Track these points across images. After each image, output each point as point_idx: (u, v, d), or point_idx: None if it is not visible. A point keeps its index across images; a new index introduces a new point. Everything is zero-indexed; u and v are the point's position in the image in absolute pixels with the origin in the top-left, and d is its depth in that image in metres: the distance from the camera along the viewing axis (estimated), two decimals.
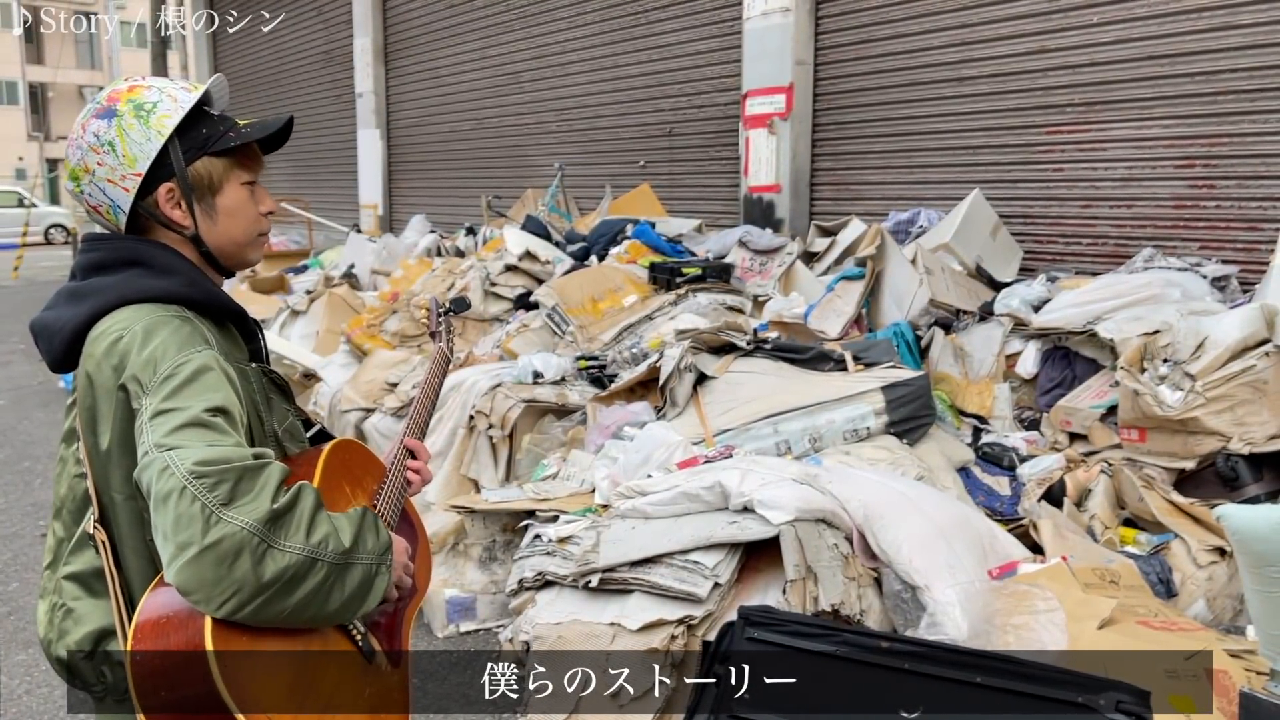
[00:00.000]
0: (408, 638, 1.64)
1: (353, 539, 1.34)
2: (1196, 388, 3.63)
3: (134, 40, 37.37)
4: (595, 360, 5.08)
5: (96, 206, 1.51)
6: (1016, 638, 2.74)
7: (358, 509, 1.40)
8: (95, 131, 1.49)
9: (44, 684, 3.54)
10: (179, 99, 1.51)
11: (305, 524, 1.28)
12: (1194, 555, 3.28)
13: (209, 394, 1.34)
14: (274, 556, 1.23)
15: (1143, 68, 5.30)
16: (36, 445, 6.64)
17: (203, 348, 1.40)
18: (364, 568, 1.35)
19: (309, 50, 14.23)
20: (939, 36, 6.25)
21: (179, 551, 1.20)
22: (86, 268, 1.52)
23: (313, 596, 1.28)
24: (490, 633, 3.86)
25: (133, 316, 1.43)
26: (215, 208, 1.55)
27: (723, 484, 3.15)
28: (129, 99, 1.50)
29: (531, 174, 9.84)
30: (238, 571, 1.20)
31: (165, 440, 1.27)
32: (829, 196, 7.11)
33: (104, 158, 1.48)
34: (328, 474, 1.47)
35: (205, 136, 1.53)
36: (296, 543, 1.25)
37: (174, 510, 1.20)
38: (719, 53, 7.78)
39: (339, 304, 7.59)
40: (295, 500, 1.28)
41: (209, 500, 1.21)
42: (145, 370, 1.35)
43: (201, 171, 1.52)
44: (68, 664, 1.48)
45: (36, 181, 34.45)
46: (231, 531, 1.20)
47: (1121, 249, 5.42)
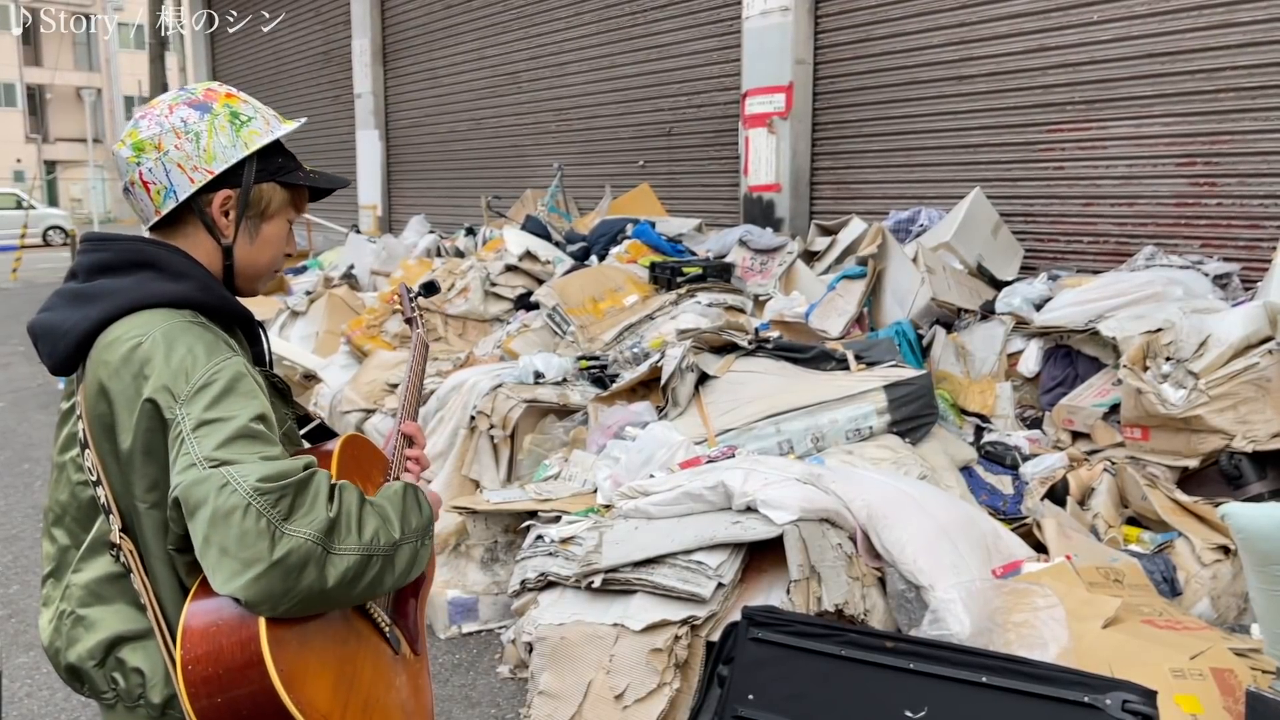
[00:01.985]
0: (423, 624, 1.67)
1: (400, 524, 1.39)
2: (1200, 386, 3.62)
3: (132, 42, 37.38)
4: (596, 360, 5.07)
5: (148, 183, 1.50)
6: (1018, 635, 2.73)
7: (399, 486, 1.46)
8: (184, 118, 1.50)
9: (45, 686, 3.53)
10: (271, 125, 1.58)
11: (355, 524, 1.32)
12: (1198, 554, 3.28)
13: (251, 401, 1.35)
14: (333, 562, 1.27)
15: (1143, 65, 5.29)
16: (36, 447, 6.63)
17: (231, 354, 1.40)
18: (411, 546, 1.41)
19: (307, 51, 14.21)
20: (938, 35, 6.24)
21: (244, 568, 1.22)
22: (91, 269, 1.50)
23: (372, 585, 1.34)
24: (493, 634, 3.86)
25: (148, 322, 1.41)
26: (259, 230, 1.58)
27: (726, 484, 3.14)
28: (227, 104, 1.54)
29: (530, 174, 9.83)
30: (305, 581, 1.24)
31: (218, 454, 1.27)
32: (829, 195, 7.10)
33: (184, 144, 1.49)
34: (342, 471, 1.49)
35: (279, 165, 1.58)
36: (351, 544, 1.30)
37: (237, 527, 1.22)
38: (718, 52, 7.77)
39: (339, 305, 7.59)
40: (342, 502, 1.32)
41: (273, 516, 1.23)
42: (177, 379, 1.34)
43: (264, 194, 1.57)
44: (78, 671, 1.48)
45: (35, 183, 34.41)
46: (297, 545, 1.24)
47: (1123, 247, 5.41)
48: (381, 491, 1.45)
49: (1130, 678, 2.36)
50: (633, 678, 2.88)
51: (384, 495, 1.43)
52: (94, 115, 35.19)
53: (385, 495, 1.43)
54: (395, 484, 1.47)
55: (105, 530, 1.45)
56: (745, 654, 2.64)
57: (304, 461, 1.31)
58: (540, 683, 3.06)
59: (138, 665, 1.44)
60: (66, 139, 41.34)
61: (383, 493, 1.44)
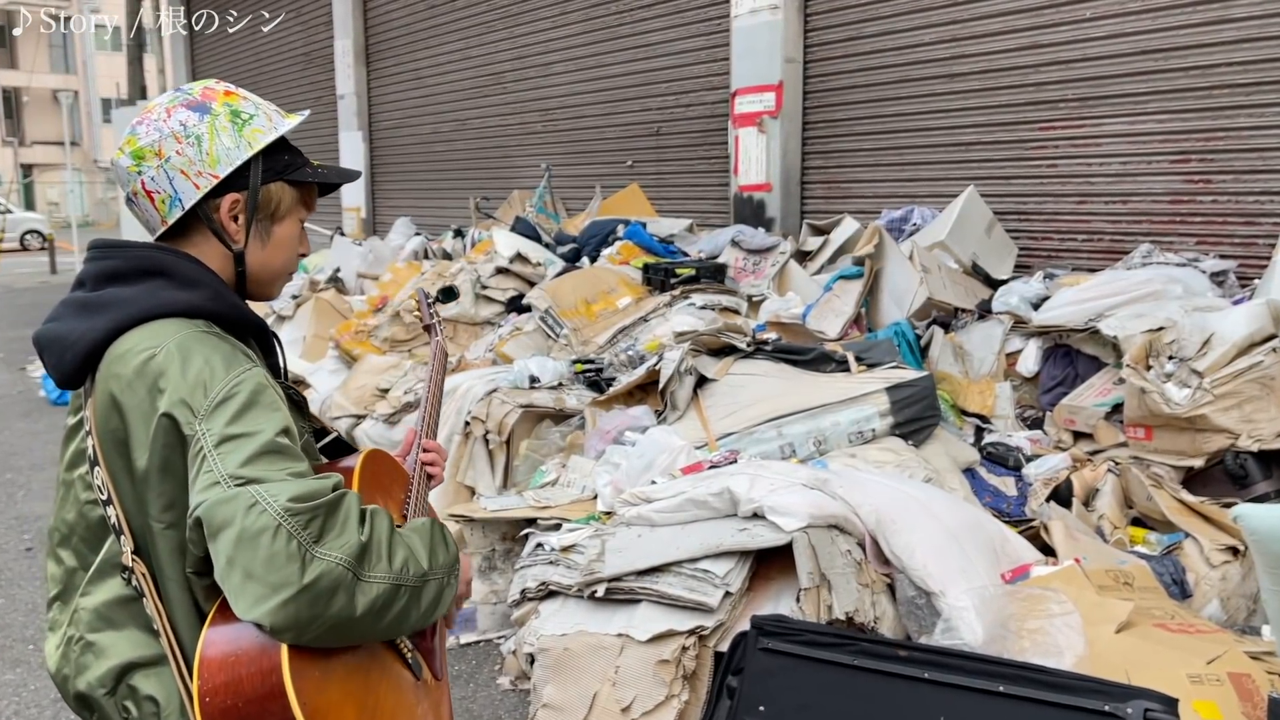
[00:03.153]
0: (444, 649, 1.62)
1: (428, 558, 1.34)
2: (1204, 385, 3.60)
3: (109, 44, 37.02)
4: (592, 363, 5.01)
5: (152, 193, 1.43)
6: (1033, 643, 2.69)
7: (426, 522, 1.41)
8: (183, 121, 1.43)
9: (34, 704, 3.44)
10: (274, 120, 1.51)
11: (385, 550, 1.26)
12: (1207, 555, 3.25)
13: (274, 415, 1.29)
14: (363, 589, 1.22)
15: (1136, 62, 5.27)
16: (18, 456, 6.51)
17: (250, 365, 1.34)
18: (437, 582, 1.35)
19: (289, 52, 14.09)
20: (930, 33, 6.21)
21: (272, 592, 1.15)
22: (99, 277, 1.43)
23: (398, 619, 1.28)
24: (492, 644, 3.79)
25: (160, 332, 1.35)
26: (270, 233, 1.52)
27: (731, 490, 3.08)
28: (226, 103, 1.47)
29: (518, 175, 9.76)
30: (334, 608, 1.18)
31: (244, 472, 1.21)
32: (820, 195, 7.07)
33: (185, 149, 1.42)
34: (364, 488, 1.43)
35: (286, 163, 1.51)
36: (380, 571, 1.24)
37: (266, 549, 1.15)
38: (706, 50, 7.72)
39: (325, 309, 7.50)
40: (374, 527, 1.26)
41: (304, 538, 1.17)
42: (195, 393, 1.28)
43: (273, 195, 1.50)
44: (88, 700, 1.41)
45: (11, 187, 34.01)
46: (328, 569, 1.18)
47: (1117, 245, 5.39)
48: (409, 524, 1.39)
49: (1147, 684, 2.32)
50: (639, 689, 2.82)
51: (411, 528, 1.37)
52: (71, 118, 34.80)
53: (413, 528, 1.38)
54: (422, 519, 1.42)
55: (116, 551, 1.38)
56: (755, 664, 2.58)
57: (333, 480, 1.25)
58: (544, 695, 2.99)
59: (151, 693, 1.37)
60: (43, 142, 40.88)
61: (410, 525, 1.38)
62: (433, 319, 2.20)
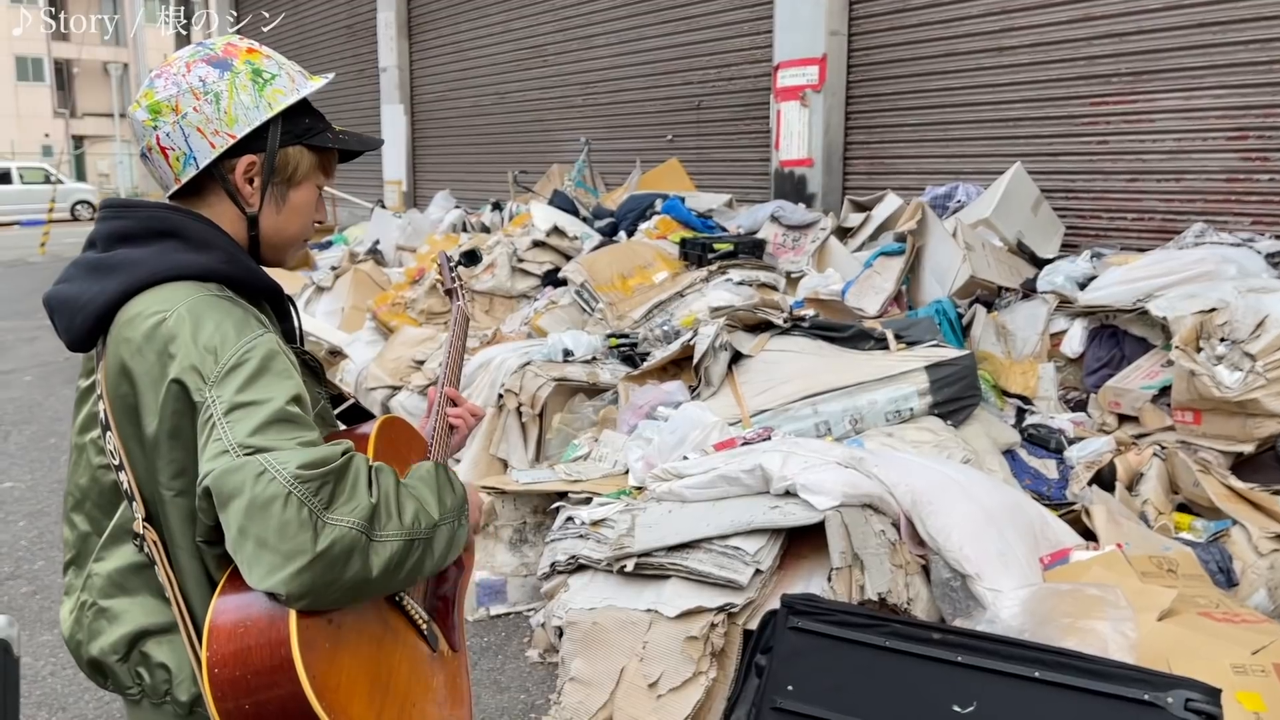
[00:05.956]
0: (462, 621, 1.58)
1: (438, 505, 1.32)
2: (1256, 368, 3.48)
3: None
4: (626, 338, 4.97)
5: (166, 149, 1.39)
6: (1080, 641, 2.59)
7: (429, 466, 1.38)
8: (202, 76, 1.39)
9: (70, 665, 3.49)
10: (297, 82, 1.46)
11: (395, 508, 1.24)
12: (1255, 543, 3.15)
13: (285, 382, 1.25)
14: (377, 550, 1.20)
15: (1193, 35, 5.11)
16: (62, 421, 6.62)
17: (262, 331, 1.30)
18: (449, 527, 1.33)
19: (331, 25, 14.11)
20: (978, 5, 6.06)
21: (286, 561, 1.13)
22: (110, 237, 1.40)
23: (414, 570, 1.27)
24: (521, 617, 3.79)
25: (172, 296, 1.31)
26: (286, 198, 1.47)
27: (764, 467, 3.03)
28: (248, 60, 1.42)
29: (557, 149, 9.71)
30: (350, 572, 1.17)
31: (253, 440, 1.18)
32: (863, 171, 6.95)
33: (203, 105, 1.38)
34: (379, 455, 1.39)
35: (306, 127, 1.46)
36: (393, 529, 1.23)
37: (278, 518, 1.13)
38: (749, 23, 7.60)
39: (364, 280, 7.52)
40: (381, 486, 1.24)
41: (315, 505, 1.15)
42: (205, 359, 1.24)
43: (291, 159, 1.45)
44: (101, 665, 1.40)
45: (62, 158, 34.55)
46: (341, 534, 1.16)
47: (1169, 224, 5.25)
48: (413, 472, 1.35)
49: (1189, 673, 2.25)
50: (667, 666, 2.79)
51: (416, 476, 1.34)
52: (121, 90, 35.29)
53: (417, 476, 1.34)
54: (425, 464, 1.38)
55: (129, 517, 1.35)
56: (784, 643, 2.53)
57: (342, 446, 1.22)
58: (571, 669, 2.98)
59: (163, 660, 1.35)
60: (94, 114, 41.48)
61: (414, 473, 1.35)
62: (454, 283, 2.14)
